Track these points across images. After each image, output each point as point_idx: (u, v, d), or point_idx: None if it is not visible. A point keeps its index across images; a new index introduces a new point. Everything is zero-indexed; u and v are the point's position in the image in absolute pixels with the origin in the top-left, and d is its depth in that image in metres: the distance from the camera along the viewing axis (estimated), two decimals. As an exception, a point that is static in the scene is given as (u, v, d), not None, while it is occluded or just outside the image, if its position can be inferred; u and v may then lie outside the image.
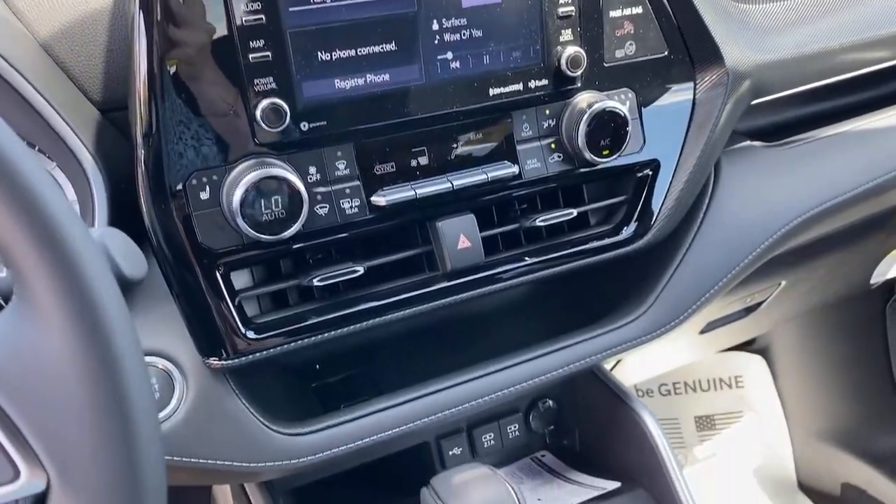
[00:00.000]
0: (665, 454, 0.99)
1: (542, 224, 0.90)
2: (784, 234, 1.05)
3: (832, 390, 1.94)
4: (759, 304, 1.39)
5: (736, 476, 1.97)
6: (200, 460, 0.78)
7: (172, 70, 0.70)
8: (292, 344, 0.80)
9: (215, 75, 0.72)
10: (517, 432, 1.11)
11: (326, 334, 0.81)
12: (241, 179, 0.73)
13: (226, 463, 0.78)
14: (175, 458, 0.77)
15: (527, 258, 0.91)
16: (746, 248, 1.02)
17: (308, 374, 1.00)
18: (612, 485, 1.03)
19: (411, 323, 1.07)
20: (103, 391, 0.43)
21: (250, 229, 0.74)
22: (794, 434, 2.02)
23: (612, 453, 1.09)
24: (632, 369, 1.46)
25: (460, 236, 0.86)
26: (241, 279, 0.81)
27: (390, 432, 0.86)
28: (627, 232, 0.95)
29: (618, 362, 1.40)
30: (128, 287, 0.54)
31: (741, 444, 2.01)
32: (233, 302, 0.78)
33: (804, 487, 1.99)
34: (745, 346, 1.99)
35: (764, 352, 1.99)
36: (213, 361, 0.78)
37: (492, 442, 1.09)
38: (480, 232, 0.86)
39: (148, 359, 0.77)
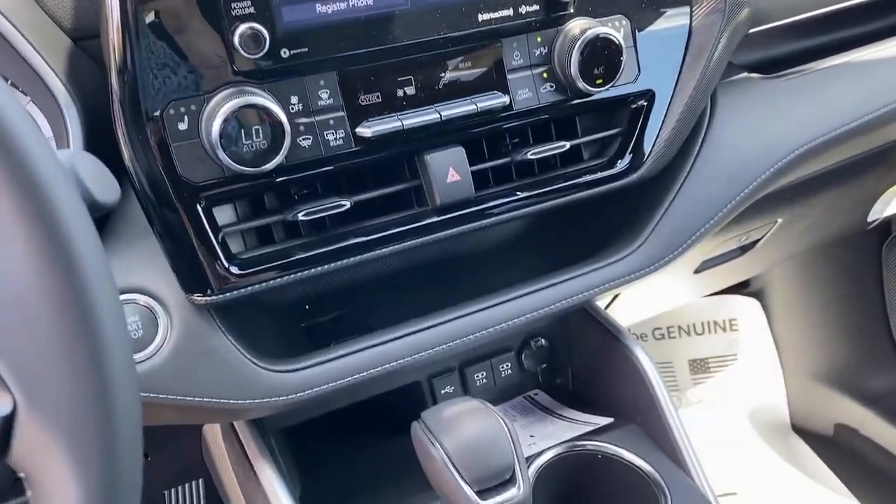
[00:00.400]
0: (658, 390, 0.99)
1: (533, 157, 0.88)
2: (781, 168, 1.02)
3: (827, 332, 1.94)
4: (755, 242, 1.37)
5: (730, 418, 1.99)
6: (187, 398, 0.76)
7: (145, -7, 0.67)
8: (278, 280, 0.78)
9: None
10: (509, 371, 1.10)
11: (313, 270, 0.80)
12: (220, 109, 0.71)
13: (213, 400, 0.77)
14: (161, 396, 0.76)
15: (518, 193, 0.89)
16: (743, 181, 1.00)
17: (297, 314, 0.98)
18: (605, 420, 1.02)
19: (402, 262, 1.06)
20: (70, 313, 0.41)
21: (231, 161, 0.72)
22: (788, 376, 2.02)
23: (605, 391, 1.08)
24: (625, 311, 1.44)
25: (449, 169, 0.83)
26: (224, 215, 0.79)
27: (380, 369, 0.85)
28: (622, 165, 0.93)
29: (611, 302, 1.38)
30: (99, 211, 0.52)
31: (735, 387, 2.02)
32: (216, 237, 0.76)
33: (798, 429, 2.01)
34: (740, 289, 1.98)
35: (759, 294, 1.98)
36: (197, 298, 0.76)
37: (484, 381, 1.09)
38: (470, 166, 0.84)
39: (129, 296, 0.75)
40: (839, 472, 1.86)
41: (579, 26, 0.84)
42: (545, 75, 0.86)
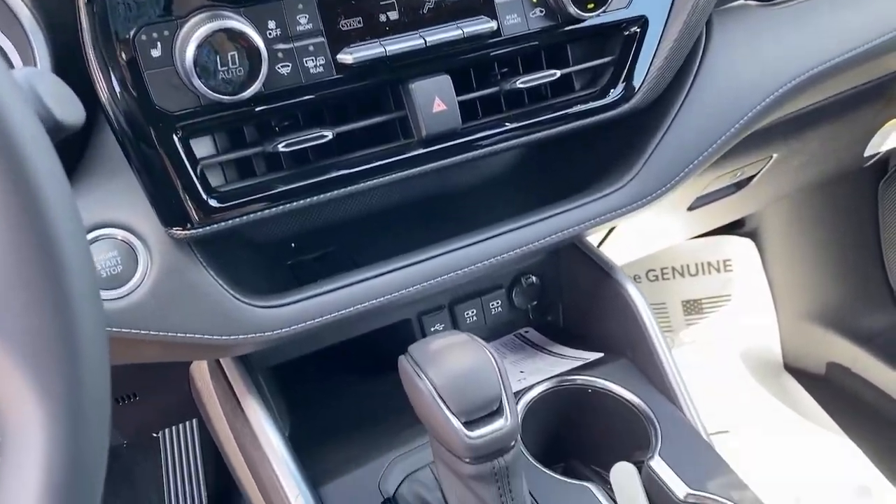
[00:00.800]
0: (649, 324, 0.98)
1: (523, 86, 0.85)
2: (777, 98, 1.00)
3: (820, 271, 1.94)
4: (750, 179, 1.35)
5: (722, 358, 1.99)
6: (169, 333, 0.75)
7: None
8: (259, 213, 0.76)
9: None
10: (500, 308, 1.09)
11: (295, 203, 0.78)
12: (194, 34, 0.68)
13: (196, 336, 0.76)
14: (143, 332, 0.74)
15: (507, 124, 0.86)
16: (738, 112, 0.98)
17: (283, 253, 0.97)
18: (596, 355, 1.02)
19: (389, 199, 1.04)
20: (27, 236, 0.40)
21: (207, 90, 0.70)
22: (781, 316, 2.02)
23: (596, 327, 1.07)
24: (618, 250, 1.43)
25: (435, 99, 0.81)
26: (203, 148, 0.76)
27: (367, 304, 0.84)
28: (614, 95, 0.91)
29: (603, 240, 1.37)
30: (62, 132, 0.49)
31: (728, 328, 2.02)
32: (194, 170, 0.74)
33: (790, 368, 2.02)
34: (735, 229, 1.97)
35: (753, 234, 1.97)
36: (177, 232, 0.74)
37: (474, 318, 1.07)
38: (457, 96, 0.82)
39: (107, 230, 0.74)
40: (831, 411, 1.88)
41: (570, -54, 0.80)
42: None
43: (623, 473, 0.89)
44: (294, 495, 0.81)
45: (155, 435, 1.55)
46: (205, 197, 0.74)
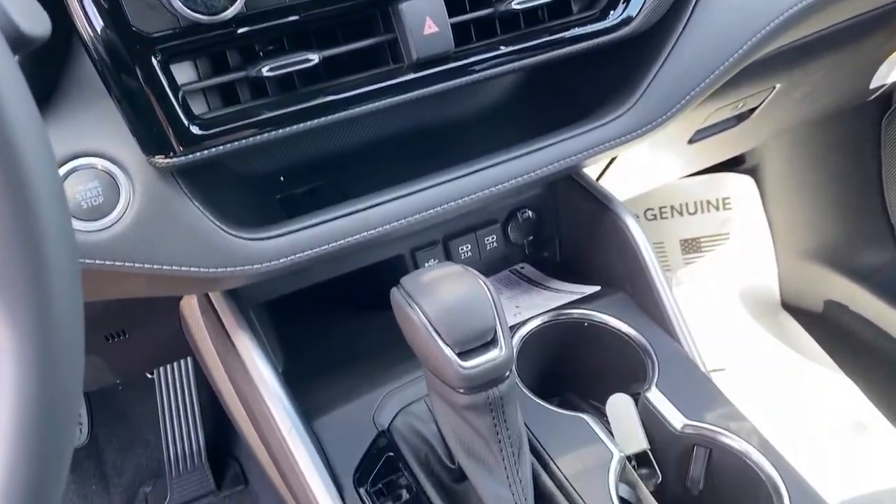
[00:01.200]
0: (647, 256, 0.96)
1: (518, 7, 0.82)
2: (780, 24, 0.96)
3: (821, 208, 1.92)
4: (752, 111, 1.32)
5: (720, 297, 1.99)
6: (154, 265, 0.73)
7: None
8: (243, 141, 0.73)
9: None
10: (495, 244, 1.07)
11: (280, 131, 0.75)
12: (170, -52, 0.64)
13: (182, 268, 0.74)
14: (127, 264, 0.72)
15: (502, 47, 0.83)
16: (740, 38, 0.94)
17: (272, 187, 0.94)
18: (592, 289, 1.00)
19: (381, 131, 1.01)
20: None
21: (186, 9, 0.66)
22: (780, 254, 2.01)
23: (594, 261, 1.05)
24: (617, 188, 1.40)
25: (426, 20, 0.77)
26: (184, 74, 0.73)
27: (358, 237, 0.82)
28: (613, 17, 0.87)
29: (601, 175, 1.34)
30: (27, 46, 0.46)
31: (726, 266, 2.01)
32: (175, 96, 0.71)
33: (787, 306, 2.01)
34: (735, 167, 1.94)
35: (753, 171, 1.94)
36: (159, 160, 0.71)
37: (469, 254, 1.05)
38: (450, 17, 0.78)
39: (86, 160, 0.71)
40: (828, 348, 1.88)
41: None
42: (530, -87, 0.79)
43: (619, 405, 0.88)
44: (287, 429, 0.81)
45: (150, 375, 1.55)
46: (186, 124, 0.71)
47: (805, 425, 1.69)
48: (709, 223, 1.99)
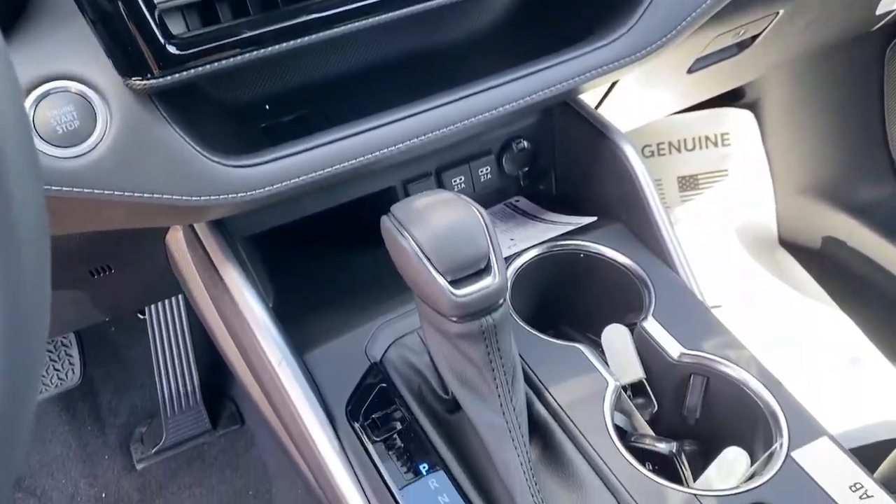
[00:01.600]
0: (645, 184, 0.93)
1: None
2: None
3: (821, 142, 1.88)
4: (754, 39, 1.28)
5: (717, 234, 1.97)
6: (135, 194, 0.70)
7: None
8: (223, 61, 0.70)
9: None
10: (489, 175, 1.04)
11: (262, 50, 0.71)
12: None
13: (163, 197, 0.71)
14: (107, 192, 0.70)
15: (495, -35, 0.79)
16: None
17: (257, 115, 0.91)
18: (588, 220, 0.98)
19: (369, 58, 0.97)
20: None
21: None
22: (778, 190, 1.98)
23: (590, 192, 1.03)
24: (614, 118, 1.37)
25: (414, -68, 0.73)
26: (161, -8, 0.69)
27: (347, 164, 0.79)
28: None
29: (598, 106, 1.30)
30: None
31: (724, 203, 1.98)
32: (151, 14, 0.67)
33: (785, 243, 2.00)
34: (734, 102, 1.90)
35: (753, 106, 1.90)
36: (136, 82, 0.68)
37: (462, 186, 1.03)
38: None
39: (59, 83, 0.68)
40: (825, 284, 1.87)
41: None
42: None
43: (615, 335, 0.87)
44: (277, 360, 0.79)
45: (142, 316, 1.53)
46: (163, 43, 0.68)
47: (801, 361, 1.69)
48: (707, 159, 1.96)
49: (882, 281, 1.80)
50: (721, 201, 1.98)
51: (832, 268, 1.88)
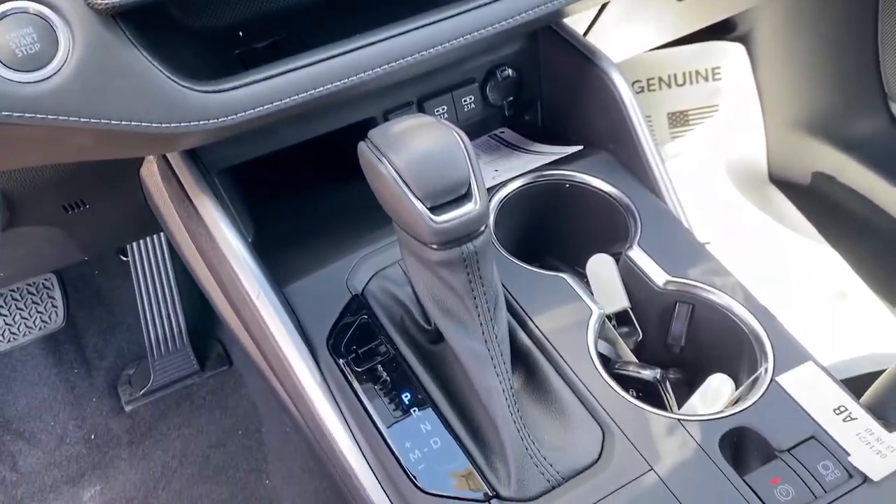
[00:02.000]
0: (632, 111, 0.91)
1: None
2: None
3: (812, 77, 1.85)
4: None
5: (706, 170, 1.95)
6: (102, 120, 0.68)
7: None
8: None
9: None
10: (473, 105, 1.01)
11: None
12: None
13: (131, 123, 0.69)
14: (71, 119, 0.67)
15: None
16: None
17: (230, 42, 0.87)
18: (574, 149, 0.95)
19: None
20: None
21: None
22: (769, 126, 1.96)
23: (577, 122, 1.00)
24: (604, 47, 1.33)
25: None
26: None
27: (321, 89, 0.76)
28: None
29: (586, 34, 1.27)
30: None
31: (714, 139, 1.96)
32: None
33: (775, 179, 1.98)
34: (725, 34, 1.86)
35: (745, 39, 1.86)
36: (97, 1, 0.65)
37: (444, 116, 1.00)
38: None
39: (16, 3, 0.64)
40: (815, 220, 1.86)
41: None
42: None
43: (599, 264, 0.86)
44: (255, 293, 0.77)
45: (124, 258, 1.51)
46: (122, -44, 0.64)
47: (790, 296, 1.69)
48: (697, 94, 1.93)
49: (872, 216, 1.79)
50: (711, 137, 1.95)
51: (823, 203, 1.87)
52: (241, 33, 0.88)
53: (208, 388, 1.60)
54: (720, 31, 1.83)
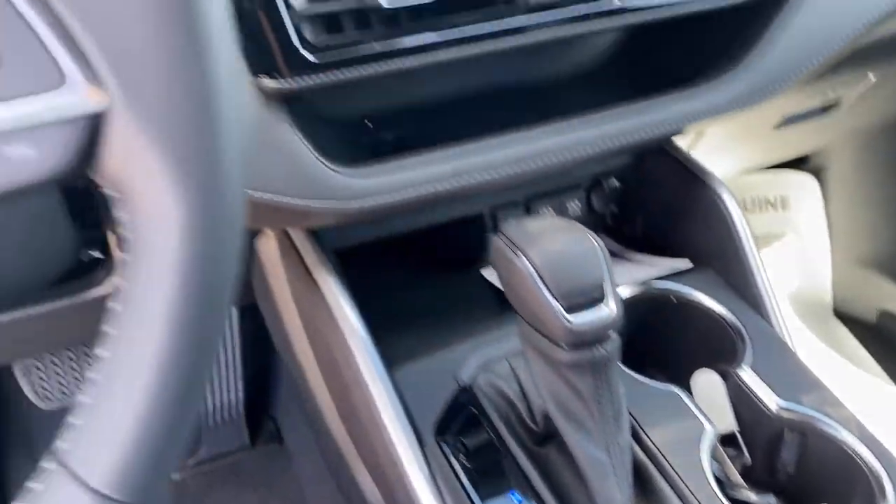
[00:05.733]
0: (743, 232, 0.92)
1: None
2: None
3: (884, 215, 1.86)
4: (840, 102, 1.27)
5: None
6: (256, 192, 0.70)
7: None
8: (354, 72, 0.71)
9: None
10: (577, 211, 1.03)
11: (390, 63, 0.72)
12: None
13: (277, 197, 0.71)
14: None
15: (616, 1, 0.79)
16: (862, 14, 0.90)
17: (357, 131, 0.91)
18: (682, 263, 0.96)
19: (472, 84, 0.97)
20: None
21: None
22: (836, 259, 1.96)
23: (680, 235, 1.01)
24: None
25: (545, -38, 0.74)
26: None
27: (454, 182, 0.79)
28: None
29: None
30: None
31: (780, 268, 1.96)
32: (291, 17, 0.68)
33: (839, 314, 1.96)
34: (798, 165, 1.89)
35: (817, 170, 1.89)
36: (267, 81, 0.68)
37: (550, 217, 1.02)
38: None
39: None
40: (880, 359, 1.83)
41: None
42: None
43: (706, 381, 0.85)
44: (372, 376, 0.77)
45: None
46: (298, 46, 0.68)
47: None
48: (765, 222, 1.94)
49: (939, 361, 1.76)
50: (777, 265, 1.95)
51: (889, 343, 1.84)
52: (369, 123, 0.91)
53: (257, 465, 1.58)
54: (793, 163, 1.86)
